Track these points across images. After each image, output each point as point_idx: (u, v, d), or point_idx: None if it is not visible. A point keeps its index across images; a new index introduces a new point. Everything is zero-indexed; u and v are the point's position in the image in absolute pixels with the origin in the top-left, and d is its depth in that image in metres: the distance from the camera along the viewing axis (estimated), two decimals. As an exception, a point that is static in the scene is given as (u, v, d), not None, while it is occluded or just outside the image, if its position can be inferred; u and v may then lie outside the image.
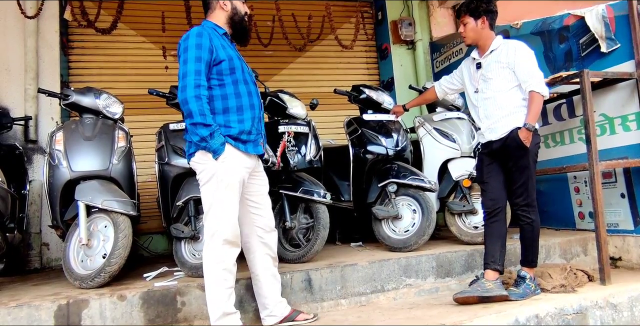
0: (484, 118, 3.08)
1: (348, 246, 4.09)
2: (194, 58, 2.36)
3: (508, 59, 2.96)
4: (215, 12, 2.61)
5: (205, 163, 2.40)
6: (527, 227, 2.97)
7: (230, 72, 2.48)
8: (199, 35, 2.41)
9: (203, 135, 2.32)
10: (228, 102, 2.47)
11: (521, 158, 2.92)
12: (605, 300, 2.85)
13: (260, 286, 2.64)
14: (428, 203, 3.54)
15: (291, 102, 3.68)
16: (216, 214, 2.39)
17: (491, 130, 3.02)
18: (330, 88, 4.15)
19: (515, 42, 3.04)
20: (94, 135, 3.18)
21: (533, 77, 2.90)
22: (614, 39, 3.64)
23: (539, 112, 2.92)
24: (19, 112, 4.28)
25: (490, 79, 3.02)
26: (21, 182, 3.76)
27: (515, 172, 2.96)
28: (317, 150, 3.68)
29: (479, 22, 3.03)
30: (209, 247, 2.41)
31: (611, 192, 3.70)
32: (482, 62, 3.09)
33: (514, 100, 2.96)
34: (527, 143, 2.86)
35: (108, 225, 2.95)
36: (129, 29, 5.12)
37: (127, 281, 2.99)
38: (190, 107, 2.31)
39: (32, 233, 4.18)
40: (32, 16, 4.43)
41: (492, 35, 3.08)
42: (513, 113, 2.94)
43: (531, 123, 2.86)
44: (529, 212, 2.96)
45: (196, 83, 2.34)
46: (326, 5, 5.67)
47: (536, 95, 2.88)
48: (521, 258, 3.05)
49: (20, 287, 3.13)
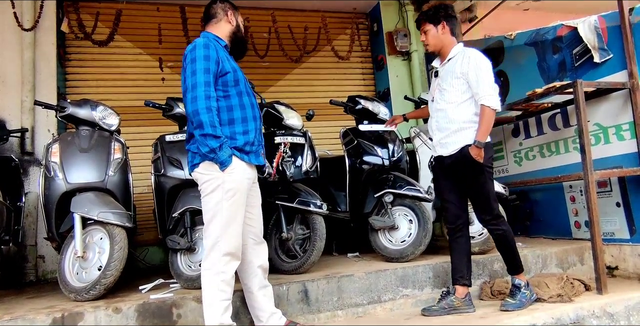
0: (436, 131, 3.00)
1: (345, 256, 4.08)
2: (202, 69, 2.37)
3: (462, 68, 2.85)
4: (220, 24, 2.63)
5: (211, 173, 2.39)
6: (502, 238, 2.91)
7: (234, 84, 2.50)
8: (206, 47, 2.42)
9: (213, 147, 2.32)
10: (233, 113, 2.48)
11: (477, 176, 2.84)
12: (602, 310, 2.85)
13: (253, 298, 2.63)
14: (424, 213, 3.54)
15: (287, 113, 3.70)
16: (219, 225, 2.38)
17: (442, 145, 2.95)
18: (326, 99, 4.17)
19: (471, 51, 2.91)
20: (90, 147, 3.18)
21: (484, 90, 2.78)
22: (606, 50, 3.68)
23: (489, 127, 2.80)
24: (15, 124, 4.29)
25: (444, 89, 2.93)
26: (17, 194, 3.75)
27: (474, 189, 2.89)
28: (314, 161, 3.69)
29: (439, 27, 2.96)
30: (209, 258, 2.38)
31: (607, 201, 3.72)
32: (439, 70, 3.02)
33: (466, 114, 2.86)
34: (479, 160, 2.77)
35: (104, 237, 2.94)
36: (126, 41, 5.15)
37: (122, 294, 2.97)
38: (202, 118, 2.31)
39: (27, 245, 4.16)
40: (29, 28, 4.46)
41: (453, 42, 2.99)
42: (464, 129, 2.85)
43: (481, 141, 2.77)
44: (498, 223, 2.90)
45: (206, 94, 2.35)
46: (322, 16, 5.75)
47: (487, 110, 2.77)
48: (507, 267, 3.01)
49: (15, 300, 3.11)
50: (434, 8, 3.00)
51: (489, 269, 3.41)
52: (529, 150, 4.46)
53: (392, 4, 5.89)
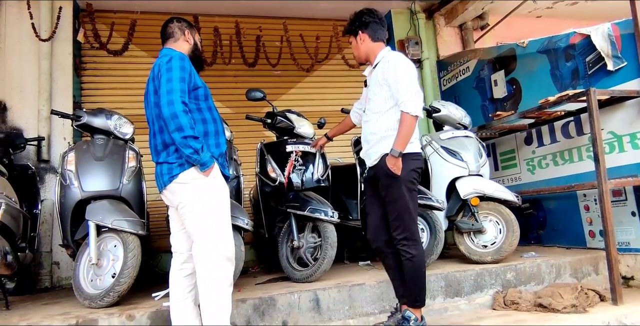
0: (364, 142, 2.85)
1: (356, 264, 4.08)
2: (178, 78, 2.40)
3: (384, 73, 2.68)
4: (179, 43, 2.67)
5: (194, 180, 2.38)
6: (407, 263, 2.61)
7: (204, 99, 2.55)
8: (182, 59, 2.48)
9: (196, 147, 2.33)
10: (207, 126, 2.52)
11: (392, 188, 2.61)
12: (617, 320, 2.81)
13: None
14: (436, 222, 3.54)
15: (299, 121, 3.73)
16: (219, 230, 2.38)
17: (367, 155, 2.81)
18: (337, 108, 4.19)
19: (392, 55, 2.74)
20: (105, 156, 3.23)
21: (403, 95, 2.58)
22: (620, 57, 3.66)
23: (409, 135, 2.58)
24: (32, 133, 4.38)
25: (370, 99, 2.78)
26: (33, 201, 3.81)
27: (388, 203, 2.65)
28: (325, 169, 3.71)
29: (358, 38, 2.82)
30: (215, 265, 2.35)
31: (622, 210, 3.67)
32: (367, 79, 2.89)
33: (387, 122, 2.68)
34: (395, 171, 2.55)
35: (118, 245, 2.98)
36: (141, 51, 5.24)
37: (135, 301, 3.01)
38: (181, 121, 2.32)
39: (42, 252, 4.22)
40: (46, 39, 4.55)
41: (377, 48, 2.81)
42: (385, 137, 2.66)
43: (397, 149, 2.54)
44: (408, 246, 2.60)
45: (182, 99, 2.37)
46: (334, 25, 5.77)
47: (405, 116, 2.56)
48: (406, 296, 2.71)
49: (31, 306, 3.15)
50: (350, 18, 2.87)
51: (501, 279, 3.38)
52: (542, 158, 4.43)
53: (403, 12, 5.91)
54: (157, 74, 2.46)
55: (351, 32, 2.86)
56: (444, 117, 4.11)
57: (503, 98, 4.86)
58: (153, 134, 2.54)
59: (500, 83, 4.85)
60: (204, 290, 2.35)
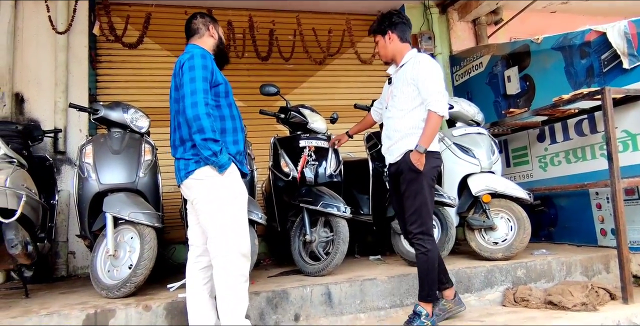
0: (385, 139, 2.95)
1: (367, 259, 4.11)
2: (201, 77, 2.41)
3: (412, 73, 2.78)
4: (204, 38, 2.69)
5: (210, 178, 2.41)
6: (422, 257, 2.71)
7: (225, 95, 2.56)
8: (204, 57, 2.49)
9: (215, 150, 2.36)
10: (225, 123, 2.53)
11: (413, 182, 2.71)
12: (627, 319, 2.83)
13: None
14: (447, 218, 3.56)
15: (312, 116, 3.75)
16: (234, 227, 2.40)
17: (389, 152, 2.90)
18: (349, 102, 4.21)
19: (422, 56, 2.85)
20: (122, 149, 3.28)
21: (431, 95, 2.70)
22: (636, 56, 3.63)
23: (434, 133, 2.70)
24: (49, 125, 4.45)
25: (395, 95, 2.87)
26: (51, 192, 3.88)
27: (407, 197, 2.74)
28: (337, 165, 3.73)
29: (386, 37, 2.91)
30: (230, 261, 2.37)
31: (634, 209, 3.67)
32: (392, 77, 2.97)
33: (413, 121, 2.78)
34: (419, 166, 2.65)
35: (134, 237, 3.04)
36: (155, 44, 5.27)
37: (151, 292, 3.07)
38: (203, 123, 2.35)
39: (59, 242, 4.31)
40: (62, 31, 4.61)
41: (404, 48, 2.91)
42: (409, 135, 2.77)
43: (423, 145, 2.65)
44: (423, 240, 2.70)
45: (205, 101, 2.39)
46: (346, 19, 5.77)
47: (432, 115, 2.68)
48: (418, 290, 2.80)
49: (49, 295, 3.23)
50: (379, 18, 2.96)
51: (512, 276, 3.40)
52: (554, 156, 4.42)
53: (416, 6, 5.89)
54: (177, 70, 2.49)
55: (379, 32, 2.95)
56: (457, 113, 4.11)
57: (516, 95, 4.84)
58: (173, 129, 2.58)
59: (513, 80, 4.83)
60: (219, 285, 2.38)
